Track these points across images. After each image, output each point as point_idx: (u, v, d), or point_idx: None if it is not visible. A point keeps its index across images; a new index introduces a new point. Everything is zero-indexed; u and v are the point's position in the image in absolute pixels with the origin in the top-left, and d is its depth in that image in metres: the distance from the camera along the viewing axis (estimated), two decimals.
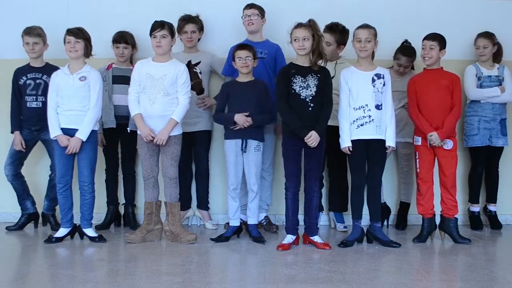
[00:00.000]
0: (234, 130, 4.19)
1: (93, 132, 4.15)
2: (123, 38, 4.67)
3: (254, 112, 4.19)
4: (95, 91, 4.14)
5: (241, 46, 4.28)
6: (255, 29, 4.59)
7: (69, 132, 4.11)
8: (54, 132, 4.12)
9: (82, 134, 4.10)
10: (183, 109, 4.15)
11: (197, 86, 4.59)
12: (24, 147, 4.54)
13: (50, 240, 4.14)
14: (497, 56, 4.81)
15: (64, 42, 4.16)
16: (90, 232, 4.22)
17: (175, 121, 4.13)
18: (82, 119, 4.10)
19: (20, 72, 4.59)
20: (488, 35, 4.75)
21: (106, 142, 4.67)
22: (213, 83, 4.81)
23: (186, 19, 4.67)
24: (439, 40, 4.22)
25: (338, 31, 4.58)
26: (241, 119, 4.15)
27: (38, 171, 4.91)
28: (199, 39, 4.79)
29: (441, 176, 4.27)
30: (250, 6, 4.60)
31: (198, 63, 4.67)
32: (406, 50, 4.69)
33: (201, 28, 4.77)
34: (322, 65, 4.03)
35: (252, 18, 4.56)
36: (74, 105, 4.11)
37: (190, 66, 4.53)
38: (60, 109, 4.13)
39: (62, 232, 4.20)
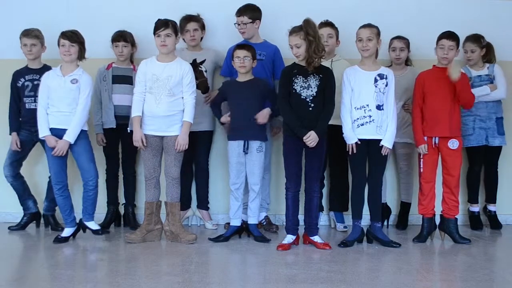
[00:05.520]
0: (236, 131, 4.21)
1: (83, 131, 4.15)
2: (122, 37, 4.66)
3: (254, 111, 4.20)
4: (84, 95, 4.14)
5: (240, 46, 4.28)
6: (248, 37, 4.57)
7: (59, 133, 4.11)
8: (42, 132, 4.12)
9: (70, 137, 4.10)
10: (192, 109, 4.17)
11: (202, 85, 4.58)
12: (19, 147, 4.55)
13: (58, 240, 4.15)
14: (486, 57, 4.78)
15: (58, 45, 4.16)
16: (92, 225, 4.23)
17: (189, 123, 4.16)
18: (71, 120, 4.11)
19: (18, 74, 4.60)
20: (475, 39, 4.71)
21: (106, 142, 4.67)
22: (218, 81, 4.78)
23: (188, 18, 4.67)
24: (457, 40, 4.20)
25: (333, 25, 4.59)
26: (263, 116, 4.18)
27: (37, 171, 4.90)
28: (202, 38, 4.78)
29: (445, 176, 4.26)
30: (239, 13, 4.56)
31: (203, 61, 4.66)
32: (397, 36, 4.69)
33: (203, 27, 4.76)
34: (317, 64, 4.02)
35: (242, 27, 4.55)
36: (63, 107, 4.11)
37: (195, 64, 4.52)
38: (50, 110, 4.13)
39: (68, 231, 4.21)
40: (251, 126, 4.20)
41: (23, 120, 4.59)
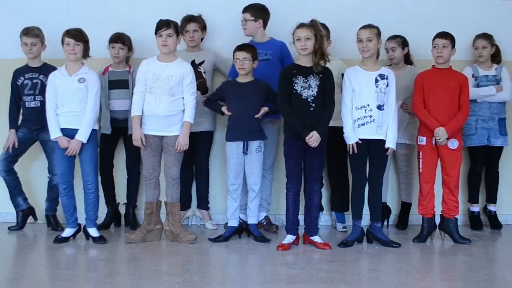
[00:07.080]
0: (235, 132, 4.20)
1: (93, 132, 4.16)
2: (120, 39, 4.65)
3: (253, 113, 4.19)
4: (93, 93, 4.13)
5: (240, 47, 4.26)
6: (249, 34, 4.56)
7: (70, 133, 4.11)
8: (54, 133, 4.12)
9: (82, 136, 4.10)
10: (193, 109, 4.17)
11: (201, 86, 4.57)
12: (16, 146, 4.56)
13: (58, 240, 4.15)
14: (495, 58, 4.81)
15: (62, 43, 4.15)
16: (93, 232, 4.22)
17: (190, 123, 4.16)
18: (82, 119, 4.10)
19: (18, 73, 4.61)
20: (486, 36, 4.76)
21: (102, 146, 4.66)
22: (217, 81, 4.78)
23: (188, 19, 4.67)
24: (451, 38, 4.23)
25: (325, 26, 4.58)
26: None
27: (32, 169, 4.90)
28: (202, 39, 4.78)
29: (444, 176, 4.26)
30: (244, 9, 4.57)
31: (202, 62, 4.66)
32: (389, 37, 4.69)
33: (203, 27, 4.76)
34: (323, 65, 4.02)
35: (243, 23, 4.55)
36: (73, 107, 4.11)
37: (194, 65, 4.52)
38: (60, 110, 4.13)
39: (68, 232, 4.22)
40: (250, 126, 4.19)
41: (23, 118, 4.62)
